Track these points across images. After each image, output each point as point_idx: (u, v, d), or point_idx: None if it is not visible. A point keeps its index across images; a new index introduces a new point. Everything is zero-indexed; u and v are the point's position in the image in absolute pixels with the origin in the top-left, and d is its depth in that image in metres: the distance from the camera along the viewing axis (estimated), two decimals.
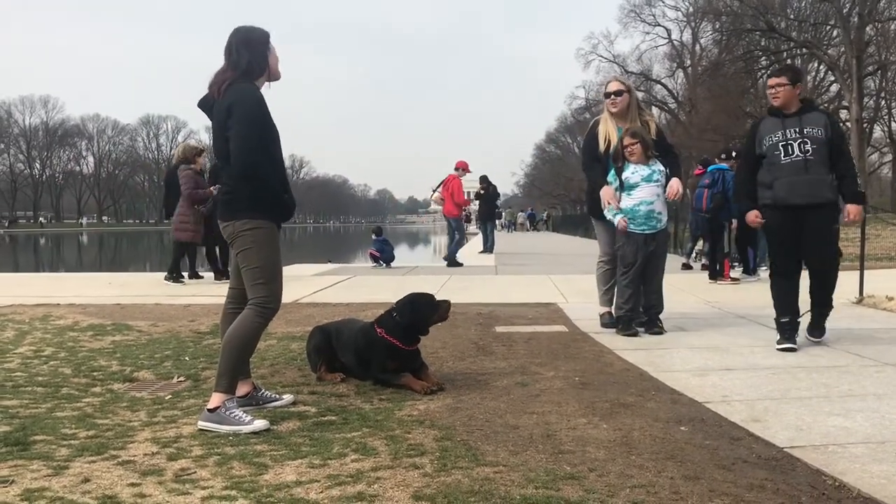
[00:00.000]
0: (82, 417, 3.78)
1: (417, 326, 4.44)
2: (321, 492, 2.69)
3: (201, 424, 3.56)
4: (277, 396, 4.06)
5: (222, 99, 3.71)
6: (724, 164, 11.44)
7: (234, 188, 3.75)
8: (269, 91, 3.91)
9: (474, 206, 23.09)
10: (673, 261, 15.53)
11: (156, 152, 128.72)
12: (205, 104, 3.85)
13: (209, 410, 3.58)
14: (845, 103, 41.65)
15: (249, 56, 3.74)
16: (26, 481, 2.82)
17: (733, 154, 11.54)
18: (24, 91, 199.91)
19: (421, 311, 4.45)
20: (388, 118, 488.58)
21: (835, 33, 43.27)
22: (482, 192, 20.34)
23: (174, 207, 11.63)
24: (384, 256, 15.34)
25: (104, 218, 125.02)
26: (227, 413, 3.54)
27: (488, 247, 20.10)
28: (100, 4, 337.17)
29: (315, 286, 10.58)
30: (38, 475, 2.89)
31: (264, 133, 3.69)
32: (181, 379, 4.70)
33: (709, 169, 11.74)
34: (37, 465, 3.01)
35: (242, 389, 3.90)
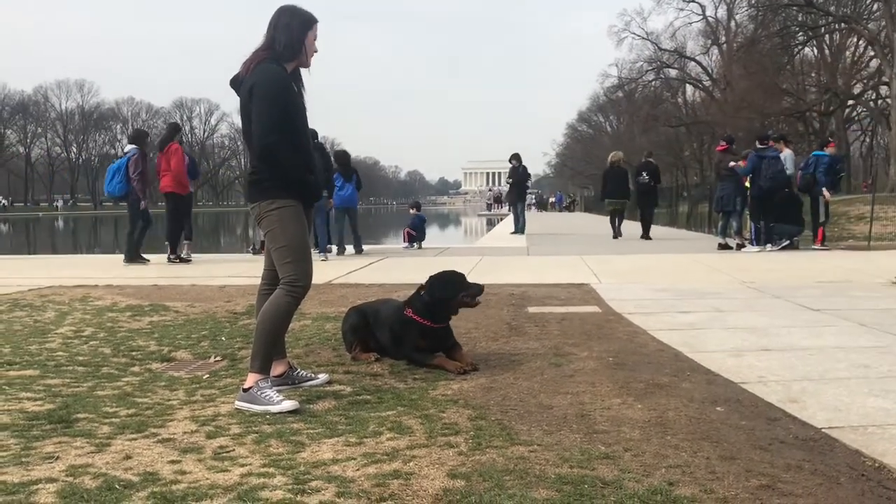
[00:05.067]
0: (122, 396, 3.86)
1: (444, 304, 4.44)
2: (357, 469, 2.72)
3: (237, 404, 3.61)
4: (313, 376, 4.10)
5: (248, 78, 3.73)
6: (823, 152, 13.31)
7: (259, 169, 3.78)
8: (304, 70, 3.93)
9: (504, 186, 22.98)
10: (707, 241, 15.41)
11: (189, 135, 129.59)
12: (235, 82, 3.87)
13: (244, 390, 3.63)
14: (885, 79, 40.67)
15: (286, 38, 3.74)
16: (70, 458, 2.88)
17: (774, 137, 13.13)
18: (60, 75, 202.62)
19: (447, 289, 4.45)
20: (420, 100, 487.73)
21: (875, 7, 42.16)
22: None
23: None
24: (419, 235, 15.40)
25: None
26: (259, 393, 3.58)
27: (519, 227, 20.04)
28: None
29: (348, 267, 10.65)
30: (81, 452, 2.95)
31: (284, 115, 3.68)
32: (218, 359, 4.77)
33: (814, 154, 13.39)
34: (80, 442, 3.08)
35: (278, 369, 3.95)
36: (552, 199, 72.46)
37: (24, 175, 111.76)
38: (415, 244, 15.36)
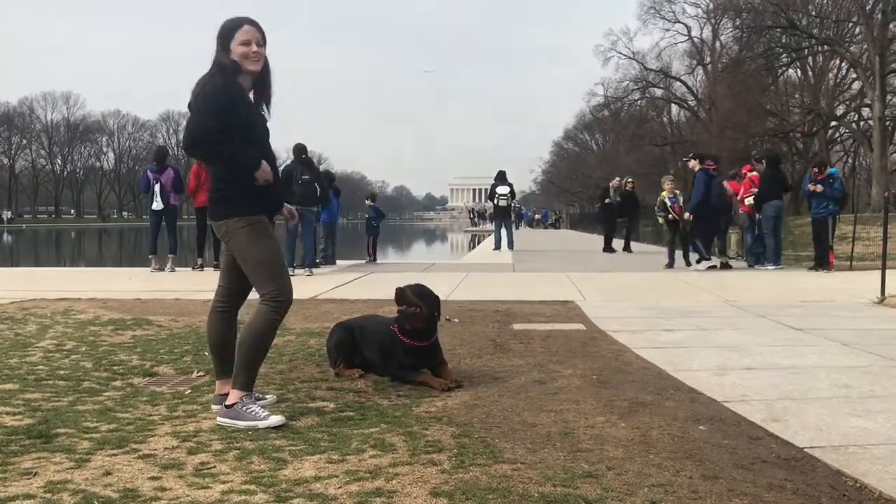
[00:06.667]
0: (103, 411, 3.82)
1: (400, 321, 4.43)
2: (339, 487, 2.70)
3: (219, 420, 3.58)
4: (261, 396, 3.94)
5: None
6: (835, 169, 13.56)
7: (224, 186, 3.73)
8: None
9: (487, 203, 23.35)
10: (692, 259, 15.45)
11: (176, 148, 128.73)
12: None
13: (227, 406, 3.60)
14: (867, 101, 41.19)
15: (217, 55, 3.72)
16: (49, 473, 2.85)
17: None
18: (46, 87, 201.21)
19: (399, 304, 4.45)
20: (408, 115, 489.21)
21: (857, 30, 42.75)
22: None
23: None
24: (376, 229, 16.56)
25: (124, 213, 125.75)
26: (244, 409, 3.55)
27: (507, 244, 20.11)
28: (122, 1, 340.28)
29: (333, 282, 10.63)
30: (60, 468, 2.92)
31: (222, 118, 3.59)
32: (201, 374, 4.73)
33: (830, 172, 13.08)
34: (59, 457, 3.05)
35: (226, 388, 3.76)
36: (538, 216, 73.47)
37: (8, 187, 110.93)
38: (374, 256, 16.34)
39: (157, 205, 12.81)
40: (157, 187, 12.73)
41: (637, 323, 6.70)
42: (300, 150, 12.44)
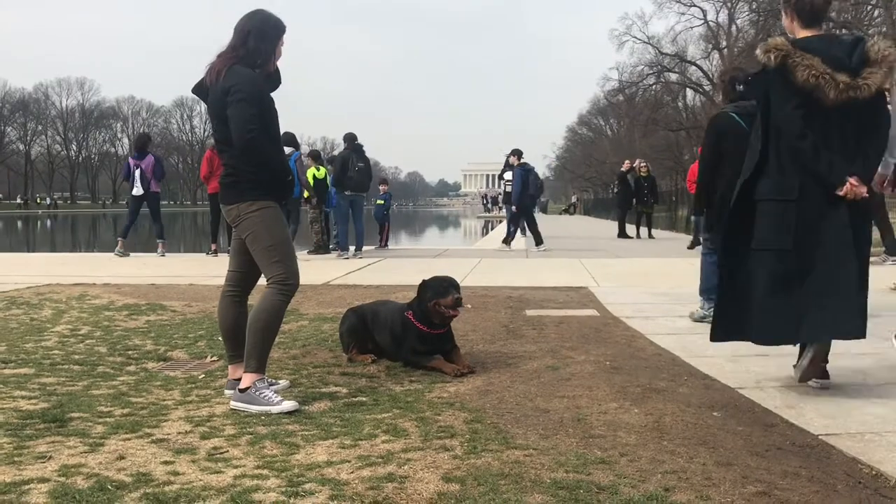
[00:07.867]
0: (117, 395, 3.84)
1: (425, 309, 4.42)
2: (352, 472, 2.70)
3: (233, 405, 3.60)
4: (274, 381, 3.96)
5: (221, 82, 3.66)
6: None
7: (237, 170, 3.74)
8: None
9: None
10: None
11: (189, 134, 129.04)
12: (200, 89, 3.83)
13: (240, 390, 3.61)
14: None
15: (257, 45, 3.69)
16: (63, 457, 2.86)
17: None
18: (61, 73, 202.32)
19: (425, 293, 4.43)
20: (421, 101, 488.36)
21: (876, 13, 42.25)
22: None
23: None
24: (386, 216, 16.71)
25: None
26: (258, 393, 3.56)
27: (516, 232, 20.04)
28: None
29: (346, 268, 10.64)
30: (74, 451, 2.94)
31: (263, 113, 3.66)
32: (214, 359, 4.75)
33: None
34: (73, 441, 3.07)
35: (238, 373, 3.80)
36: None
37: (24, 172, 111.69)
38: (386, 242, 16.29)
39: (137, 190, 13.01)
40: (137, 173, 12.87)
41: (651, 309, 6.67)
42: (352, 138, 12.96)
